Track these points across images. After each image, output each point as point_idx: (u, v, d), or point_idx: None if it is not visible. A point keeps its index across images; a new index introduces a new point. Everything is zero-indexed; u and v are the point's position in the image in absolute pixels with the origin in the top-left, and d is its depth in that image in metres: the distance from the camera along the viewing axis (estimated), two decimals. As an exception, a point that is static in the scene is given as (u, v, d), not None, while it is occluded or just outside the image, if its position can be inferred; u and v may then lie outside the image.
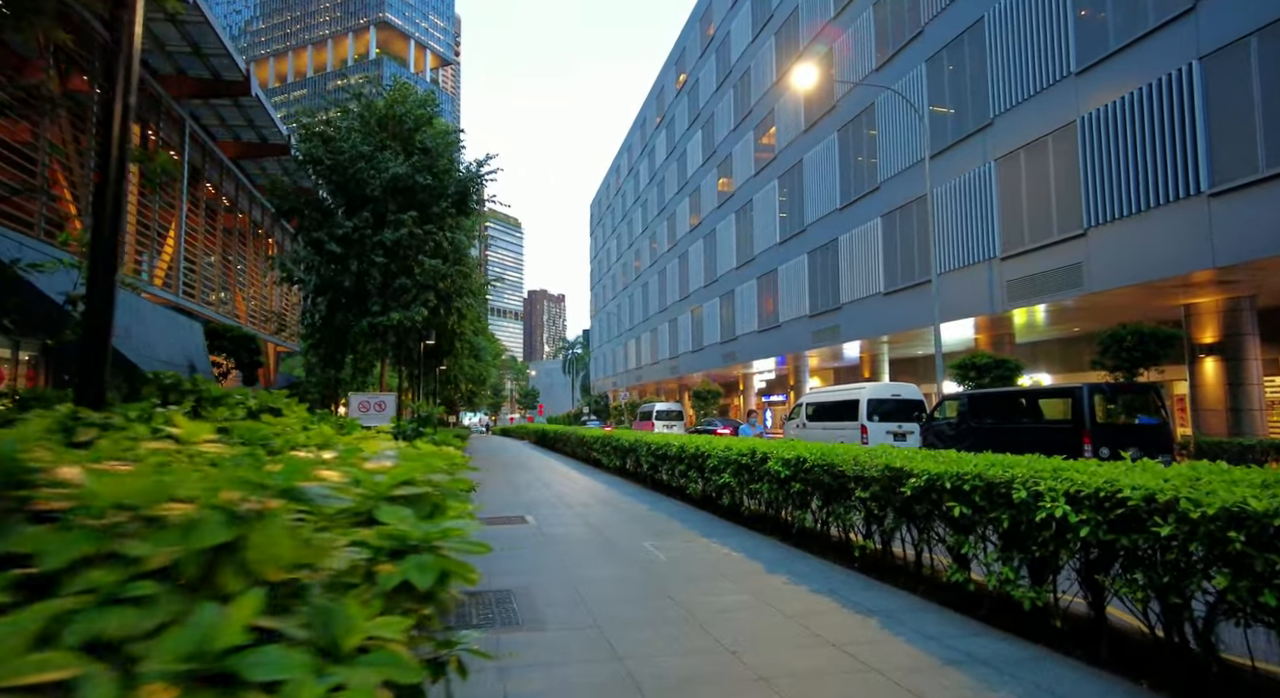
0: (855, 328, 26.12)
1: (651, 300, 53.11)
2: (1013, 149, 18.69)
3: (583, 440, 19.40)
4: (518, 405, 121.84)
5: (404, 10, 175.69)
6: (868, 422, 17.36)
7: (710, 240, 41.09)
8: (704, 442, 9.75)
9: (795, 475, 6.90)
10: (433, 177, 15.74)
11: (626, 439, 14.04)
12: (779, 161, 32.82)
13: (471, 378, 38.99)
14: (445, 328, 17.67)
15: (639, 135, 59.22)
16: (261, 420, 3.24)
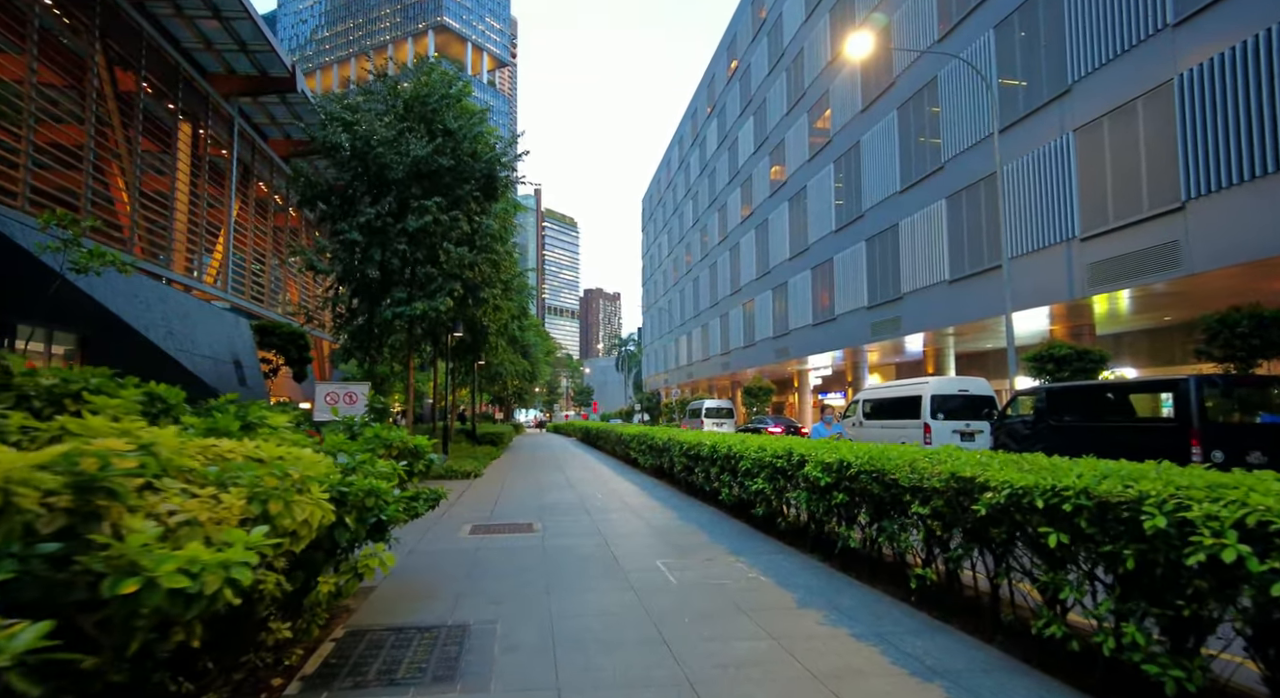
0: (918, 319, 24.32)
1: (702, 295, 51.75)
2: (1094, 117, 16.75)
3: (620, 438, 18.38)
4: (573, 403, 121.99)
5: (461, 13, 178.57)
6: (931, 420, 15.79)
7: (762, 231, 39.53)
8: (737, 442, 8.54)
9: (838, 484, 5.66)
10: (456, 159, 14.92)
11: (660, 438, 12.90)
12: (834, 145, 31.09)
13: (519, 374, 38.37)
14: (474, 320, 16.85)
15: (690, 127, 57.89)
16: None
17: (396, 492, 5.06)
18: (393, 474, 4.13)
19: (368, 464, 3.90)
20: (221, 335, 25.60)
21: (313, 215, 15.56)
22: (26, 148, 17.83)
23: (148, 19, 24.20)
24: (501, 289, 17.81)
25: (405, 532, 7.58)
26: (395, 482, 4.22)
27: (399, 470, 4.23)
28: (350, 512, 3.29)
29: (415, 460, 5.08)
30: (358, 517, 3.39)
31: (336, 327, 15.98)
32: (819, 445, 6.48)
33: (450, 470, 14.27)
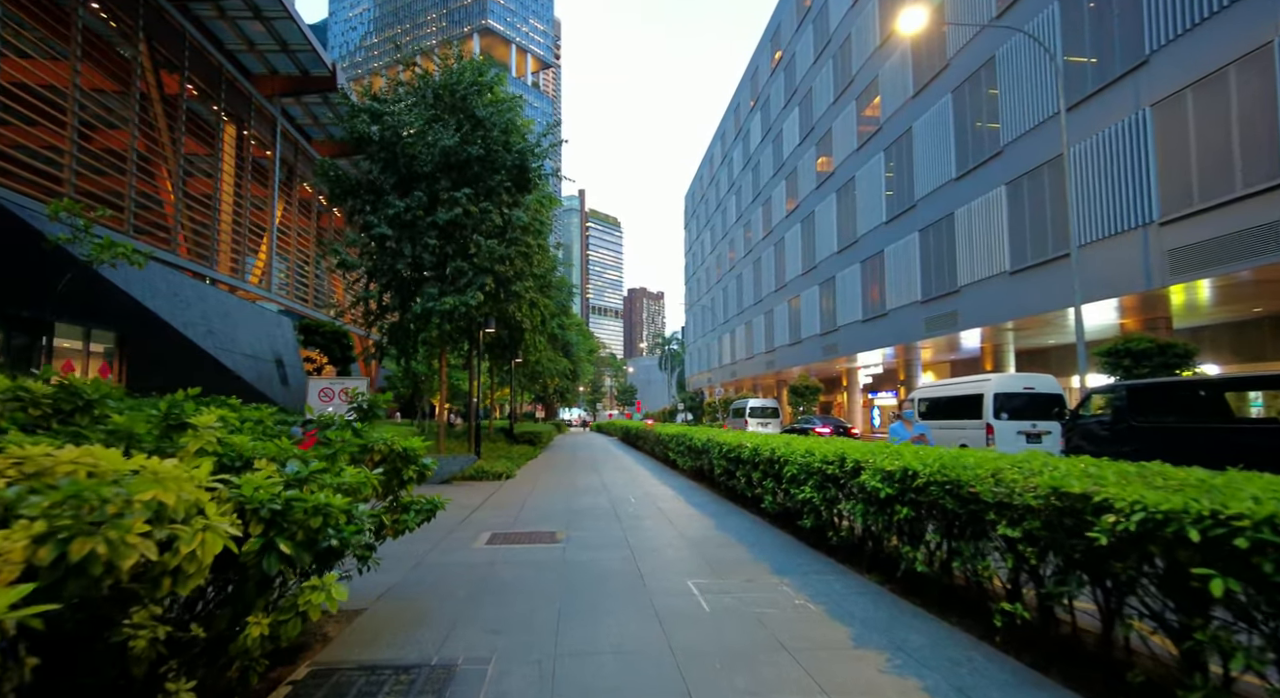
0: (975, 314, 22.94)
1: (746, 292, 50.60)
2: (1176, 90, 15.30)
3: (659, 439, 17.63)
4: (616, 402, 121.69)
5: (505, 16, 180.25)
6: (994, 420, 14.62)
7: (809, 224, 38.27)
8: (782, 444, 7.70)
9: (901, 495, 4.80)
10: (486, 148, 14.36)
11: (699, 439, 12.09)
12: (884, 132, 29.75)
13: (560, 373, 37.93)
14: (507, 315, 16.28)
15: (732, 121, 56.76)
16: None
17: (373, 505, 4.41)
18: (362, 486, 3.45)
19: (328, 474, 3.23)
20: (263, 334, 25.71)
21: (342, 211, 15.18)
22: (71, 148, 17.99)
23: (191, 21, 24.39)
24: (535, 283, 17.20)
25: (416, 541, 6.97)
26: (365, 494, 3.54)
27: (373, 480, 3.55)
28: (287, 535, 2.61)
29: (405, 466, 4.40)
30: (303, 541, 2.71)
31: (368, 323, 15.59)
32: (877, 450, 5.61)
33: (481, 472, 13.73)
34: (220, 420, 3.27)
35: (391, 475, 4.40)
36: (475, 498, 10.93)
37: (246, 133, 28.58)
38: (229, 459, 2.94)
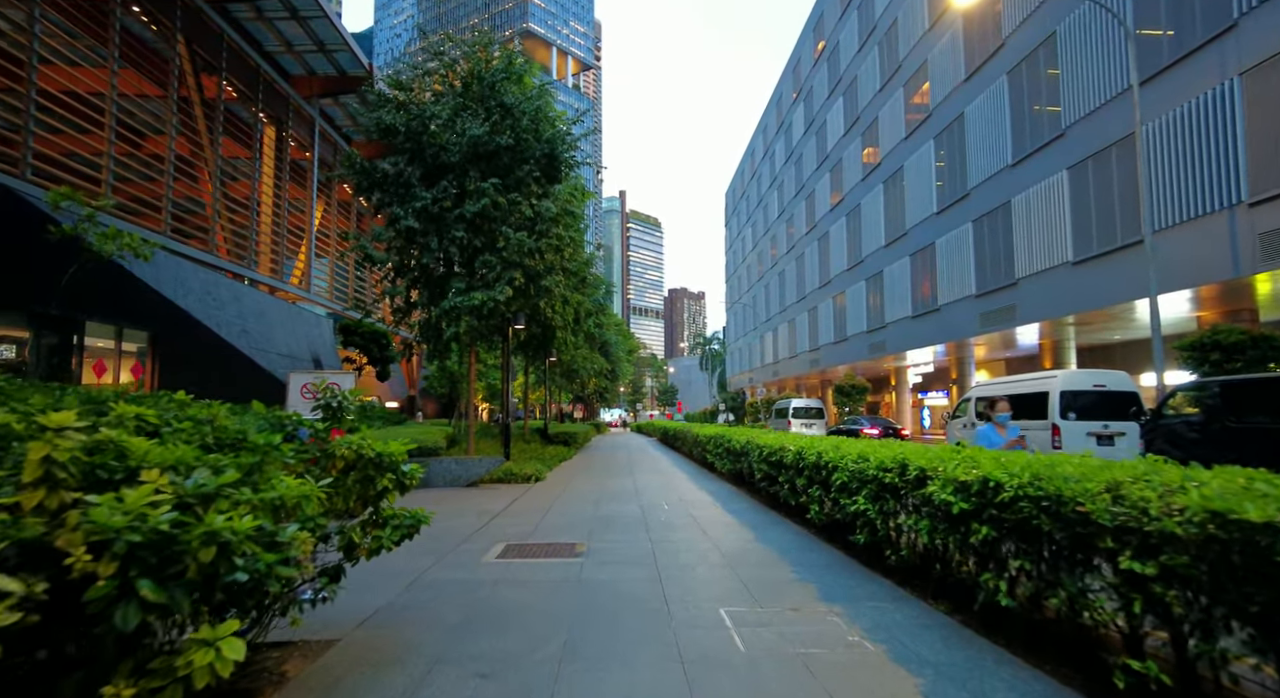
0: (1035, 307, 21.52)
1: (789, 289, 49.31)
2: (1270, 55, 13.87)
3: (697, 440, 16.81)
4: (657, 402, 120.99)
5: (546, 19, 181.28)
6: (1061, 420, 13.41)
7: (854, 217, 36.93)
8: (829, 448, 6.83)
9: (979, 512, 3.93)
10: (515, 137, 13.75)
11: (738, 440, 11.23)
12: (934, 119, 28.36)
13: (598, 373, 37.31)
14: (538, 311, 15.65)
15: (774, 114, 55.49)
16: None
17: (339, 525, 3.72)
18: (304, 502, 2.75)
19: (247, 487, 2.53)
20: (300, 334, 25.68)
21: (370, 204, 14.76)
22: (108, 149, 18.02)
23: (230, 23, 24.43)
24: (566, 277, 16.54)
25: (419, 555, 6.31)
26: (309, 511, 2.84)
27: (318, 494, 2.85)
28: (156, 574, 1.91)
29: (380, 475, 3.71)
30: (192, 579, 2.01)
31: (396, 321, 15.14)
32: (944, 456, 4.72)
33: (509, 474, 13.12)
34: (117, 419, 2.60)
35: (365, 485, 3.71)
36: (498, 502, 10.29)
37: (285, 134, 28.68)
38: (107, 471, 2.25)
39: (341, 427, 8.13)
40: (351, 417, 4.01)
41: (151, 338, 16.67)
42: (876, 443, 6.58)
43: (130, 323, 15.94)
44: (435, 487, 11.99)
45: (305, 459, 3.46)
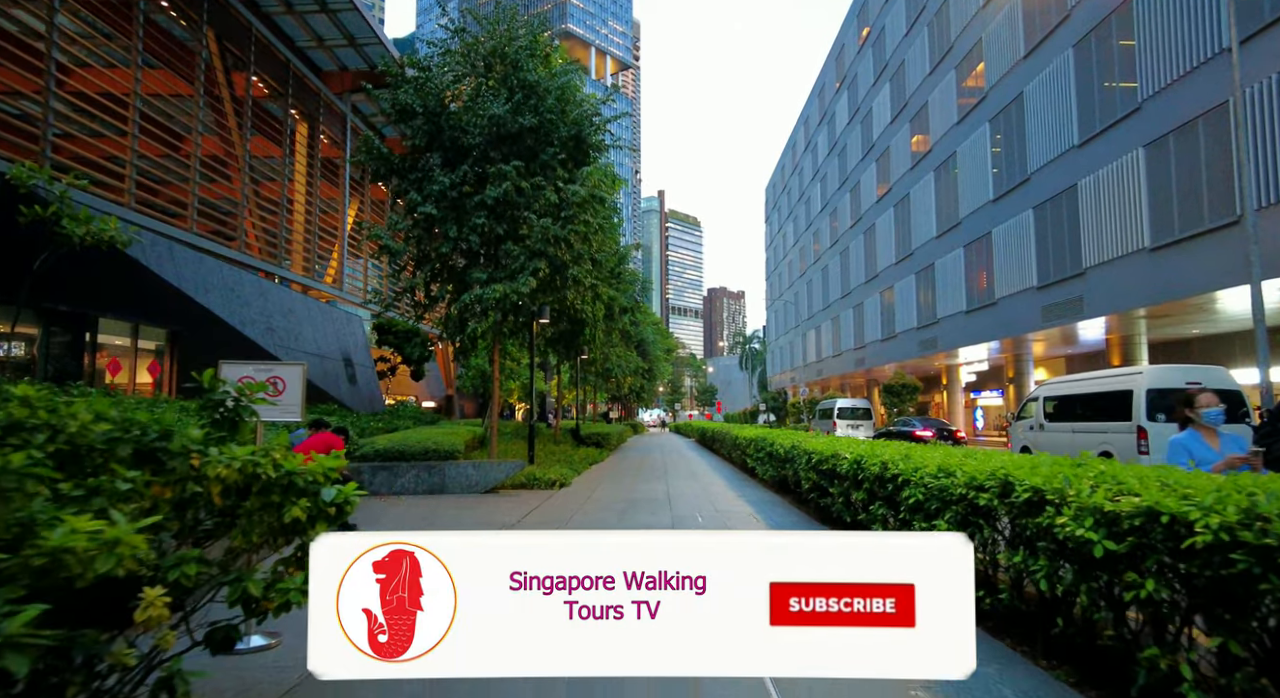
0: (1106, 299, 19.76)
1: (832, 285, 47.58)
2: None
3: (736, 442, 15.64)
4: (696, 402, 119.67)
5: (584, 19, 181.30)
6: (1147, 422, 11.90)
7: (903, 208, 35.19)
8: (898, 457, 5.64)
9: (1138, 558, 2.75)
10: (538, 116, 12.79)
11: (781, 445, 10.03)
12: (990, 101, 26.61)
13: (633, 371, 36.32)
14: (566, 305, 14.67)
15: (816, 104, 53.77)
16: None
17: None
18: (100, 556, 1.74)
19: None
20: (330, 332, 25.20)
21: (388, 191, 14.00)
22: (131, 142, 17.67)
23: (260, 17, 24.08)
24: (594, 267, 15.52)
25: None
26: (103, 567, 1.81)
27: (132, 541, 1.84)
28: None
29: (290, 502, 2.68)
30: None
31: (416, 316, 14.34)
32: (1067, 472, 3.52)
33: (532, 479, 12.15)
34: None
35: (270, 514, 2.69)
36: (511, 514, 9.30)
37: (317, 131, 28.33)
38: None
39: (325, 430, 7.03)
40: (254, 422, 2.98)
41: (171, 336, 16.20)
42: (959, 452, 5.37)
43: (147, 320, 15.46)
44: (449, 493, 11.06)
45: (172, 481, 2.46)
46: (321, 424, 7.94)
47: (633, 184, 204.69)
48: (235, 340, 17.94)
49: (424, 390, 43.99)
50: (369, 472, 10.75)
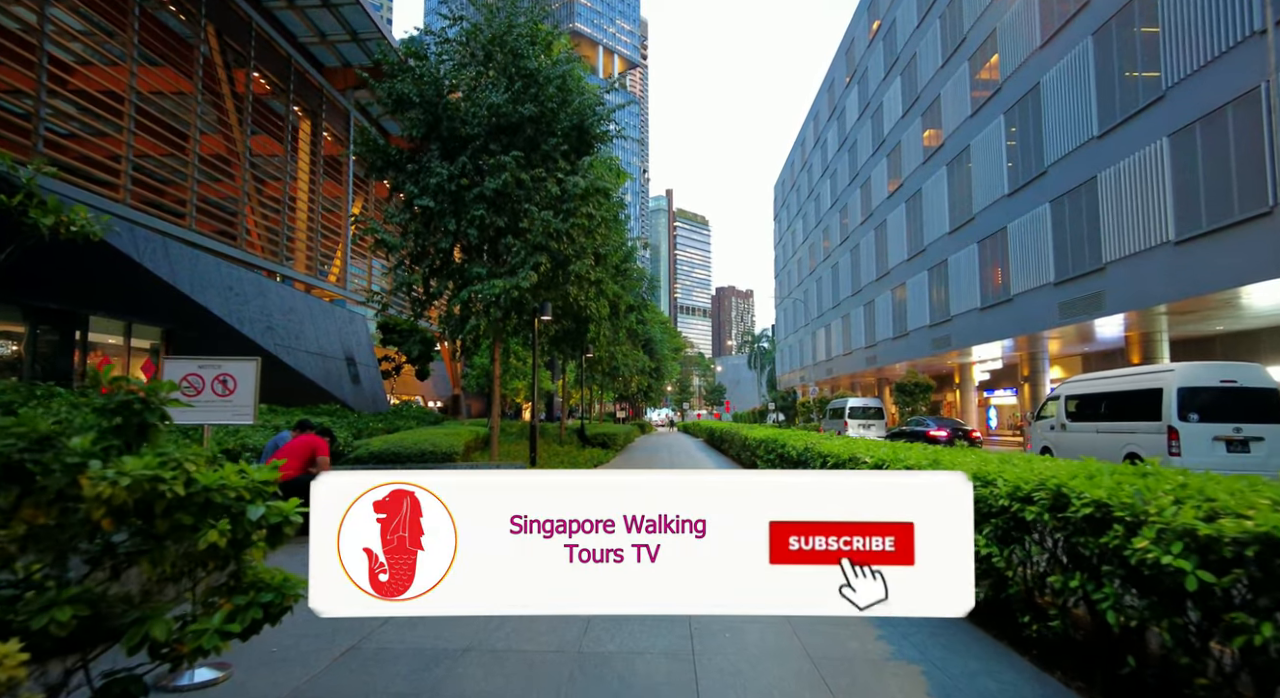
0: (1127, 294, 19.13)
1: (843, 282, 46.94)
2: None
3: (745, 443, 15.12)
4: (704, 402, 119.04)
5: (592, 18, 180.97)
6: (1179, 421, 11.31)
7: (914, 204, 34.55)
8: (924, 461, 5.13)
9: (1250, 589, 2.24)
10: (539, 105, 12.32)
11: (794, 446, 9.51)
12: (1005, 93, 25.97)
13: (641, 371, 35.81)
14: (568, 302, 14.18)
15: (826, 100, 53.11)
16: None
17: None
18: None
19: None
20: (332, 331, 24.82)
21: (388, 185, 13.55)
22: (127, 138, 17.32)
23: (260, 12, 23.73)
24: (598, 263, 15.03)
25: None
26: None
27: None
28: None
29: (207, 523, 2.22)
30: None
31: (415, 313, 13.89)
32: (1132, 482, 3.00)
33: (533, 482, 11.67)
34: None
35: (179, 540, 2.23)
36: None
37: (320, 128, 27.98)
38: None
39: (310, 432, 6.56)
40: (167, 426, 2.51)
41: (165, 334, 15.82)
42: (995, 457, 4.84)
43: (141, 318, 15.09)
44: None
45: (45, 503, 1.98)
46: (306, 426, 7.50)
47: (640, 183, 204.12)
48: (232, 339, 17.57)
49: (431, 390, 43.65)
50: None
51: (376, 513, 1.96)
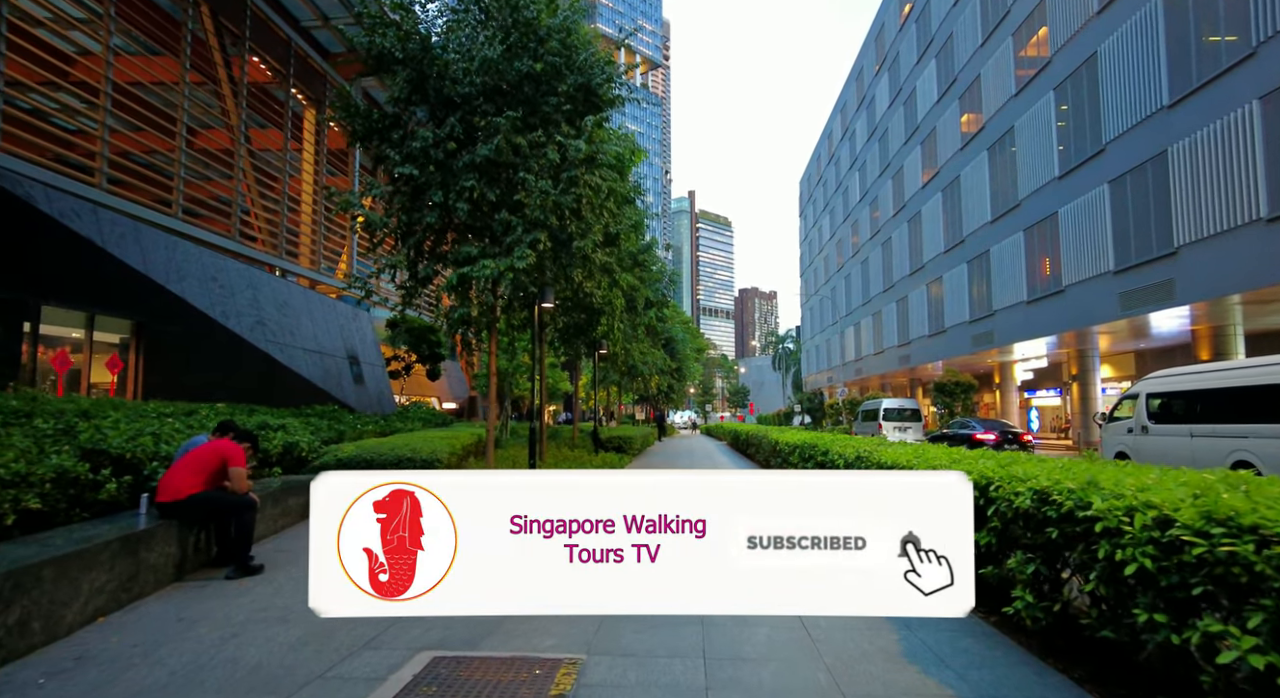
0: (1202, 281, 17.05)
1: (873, 279, 44.79)
2: None
3: (776, 449, 13.32)
4: (728, 404, 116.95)
5: (614, 18, 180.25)
6: (1306, 426, 9.36)
7: (951, 193, 32.46)
8: (1067, 483, 3.36)
9: None
10: (538, 61, 10.71)
11: (842, 454, 7.67)
12: (1054, 68, 23.92)
13: (661, 370, 34.05)
14: (574, 287, 12.53)
15: (854, 90, 51.04)
16: None
17: None
18: None
19: None
20: (333, 328, 23.41)
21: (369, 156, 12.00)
22: (103, 117, 16.05)
23: (267, 1, 22.45)
24: (607, 243, 13.35)
25: (274, 668, 3.28)
26: None
27: None
28: None
29: None
30: None
31: (405, 301, 12.33)
32: None
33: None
34: None
35: None
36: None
37: (324, 116, 26.71)
38: None
39: (227, 436, 4.96)
40: None
41: (136, 328, 14.45)
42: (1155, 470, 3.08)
43: (106, 310, 13.71)
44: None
45: None
46: (227, 428, 5.93)
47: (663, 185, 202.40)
48: (216, 334, 16.20)
49: (447, 392, 42.21)
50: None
51: (376, 513, 1.96)
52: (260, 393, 17.06)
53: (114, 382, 14.12)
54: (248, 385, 17.00)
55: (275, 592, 5.01)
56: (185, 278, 15.55)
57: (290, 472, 9.04)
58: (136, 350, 14.42)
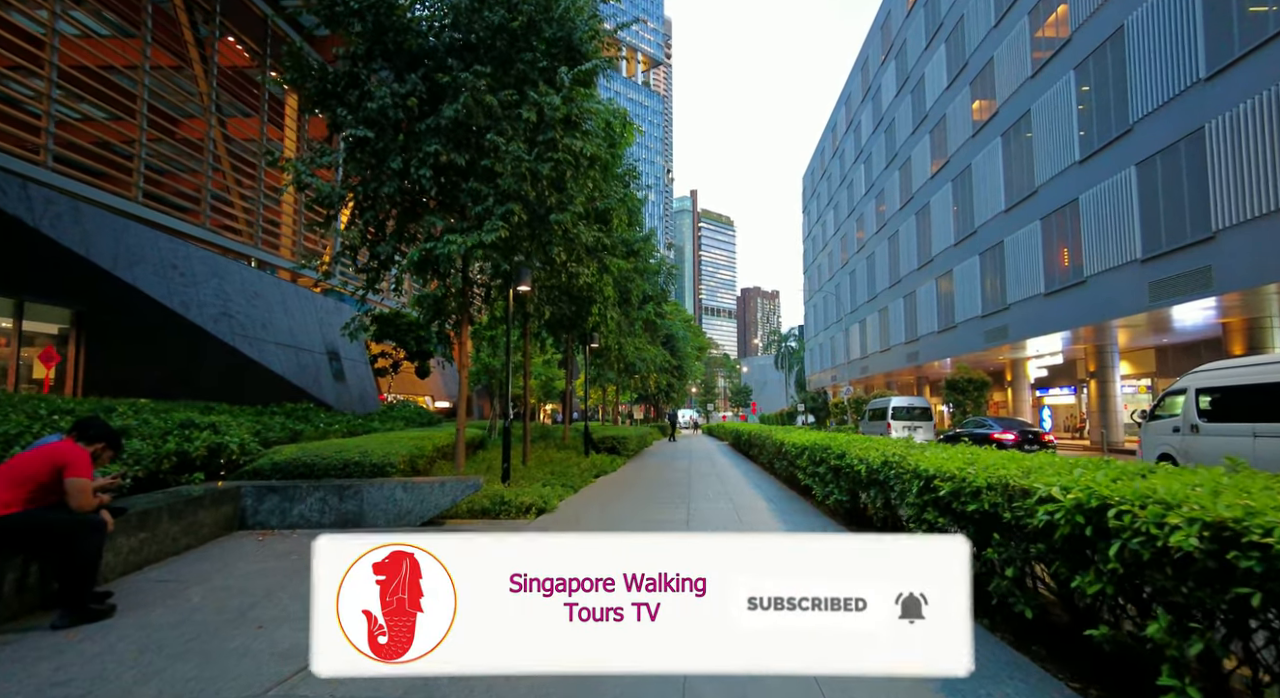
0: (1248, 269, 15.71)
1: (879, 274, 43.41)
2: None
3: (781, 450, 11.99)
4: (730, 403, 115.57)
5: (615, 16, 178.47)
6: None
7: (962, 183, 31.09)
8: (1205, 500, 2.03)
9: None
10: (509, 9, 9.44)
11: (861, 459, 6.33)
12: (1073, 47, 22.57)
13: (660, 368, 32.70)
14: (554, 267, 11.20)
15: (859, 80, 49.65)
16: None
17: None
18: None
19: None
20: (311, 322, 22.07)
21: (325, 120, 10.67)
22: (49, 90, 14.79)
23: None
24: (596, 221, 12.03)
25: None
26: None
27: None
28: None
29: None
30: None
31: (367, 285, 10.98)
32: None
33: (500, 504, 8.66)
34: None
35: None
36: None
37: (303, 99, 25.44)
38: None
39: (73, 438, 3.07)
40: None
41: (76, 317, 13.15)
42: None
43: (39, 297, 12.41)
44: (368, 525, 7.59)
45: None
46: (88, 425, 4.62)
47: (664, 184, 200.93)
48: (172, 325, 14.91)
49: (440, 390, 40.85)
50: (252, 495, 7.41)
51: (375, 575, 1.91)
52: (227, 390, 15.76)
53: (49, 376, 12.82)
54: (211, 382, 15.72)
55: (105, 651, 3.62)
56: (138, 264, 14.24)
57: (216, 478, 7.74)
58: (77, 342, 13.12)
